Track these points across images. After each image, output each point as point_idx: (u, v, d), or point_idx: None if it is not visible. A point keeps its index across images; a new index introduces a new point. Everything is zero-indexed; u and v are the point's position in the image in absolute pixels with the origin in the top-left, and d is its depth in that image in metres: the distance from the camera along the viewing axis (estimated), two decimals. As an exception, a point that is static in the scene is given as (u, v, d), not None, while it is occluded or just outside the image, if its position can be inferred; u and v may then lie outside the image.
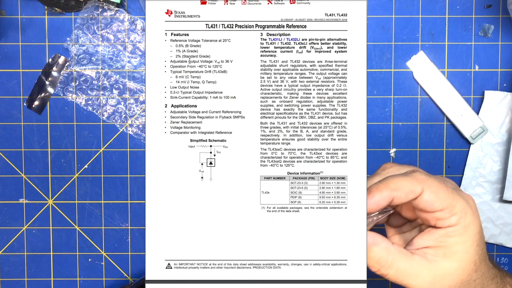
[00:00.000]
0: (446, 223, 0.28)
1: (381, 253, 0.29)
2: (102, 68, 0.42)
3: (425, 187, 0.27)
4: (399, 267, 0.28)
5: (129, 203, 0.43)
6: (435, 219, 0.28)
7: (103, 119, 0.42)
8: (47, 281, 0.43)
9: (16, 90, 0.42)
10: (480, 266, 0.29)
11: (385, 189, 0.28)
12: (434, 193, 0.27)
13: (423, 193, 0.27)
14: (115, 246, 0.43)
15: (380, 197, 0.28)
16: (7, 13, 0.42)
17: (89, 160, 0.43)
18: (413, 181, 0.28)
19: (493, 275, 0.30)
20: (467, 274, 0.28)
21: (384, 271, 0.29)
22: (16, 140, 0.43)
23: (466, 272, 0.28)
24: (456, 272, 0.28)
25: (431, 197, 0.27)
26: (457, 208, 0.27)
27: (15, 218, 0.43)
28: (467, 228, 0.28)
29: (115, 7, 0.41)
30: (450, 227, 0.28)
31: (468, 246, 0.28)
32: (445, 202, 0.27)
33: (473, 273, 0.28)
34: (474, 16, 0.42)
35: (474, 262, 0.28)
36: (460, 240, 0.28)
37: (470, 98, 0.43)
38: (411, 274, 0.28)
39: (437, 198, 0.27)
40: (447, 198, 0.27)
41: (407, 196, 0.27)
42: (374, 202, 0.29)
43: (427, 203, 0.27)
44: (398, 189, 0.28)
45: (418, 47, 0.42)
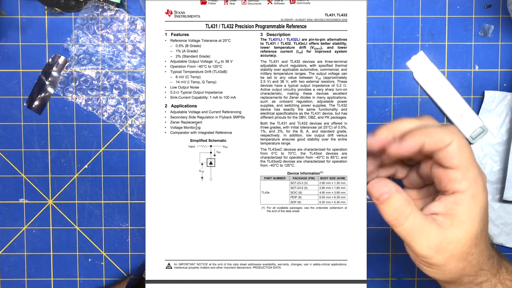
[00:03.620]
0: (456, 186, 0.28)
1: (402, 201, 0.29)
2: (102, 68, 0.42)
3: (454, 139, 0.28)
4: (414, 221, 0.28)
5: (129, 203, 0.43)
6: (447, 178, 0.29)
7: (103, 119, 0.42)
8: (47, 281, 0.43)
9: (16, 90, 0.42)
10: (479, 242, 0.29)
11: (419, 134, 0.29)
12: (459, 149, 0.28)
13: (451, 144, 0.28)
14: (115, 246, 0.43)
15: (413, 142, 0.29)
16: (7, 13, 0.42)
17: (89, 160, 0.43)
18: (446, 131, 0.28)
19: (490, 255, 0.31)
20: (468, 246, 0.29)
21: (400, 220, 0.28)
22: (16, 140, 0.43)
23: (468, 243, 0.29)
24: (461, 241, 0.28)
25: (454, 150, 0.28)
26: (470, 175, 0.28)
27: (15, 218, 0.43)
28: (475, 198, 0.28)
29: (115, 7, 0.41)
30: (459, 193, 0.28)
31: (474, 217, 0.28)
32: (463, 162, 0.28)
33: (473, 247, 0.29)
34: (474, 16, 0.42)
35: (476, 235, 0.29)
36: (467, 210, 0.28)
37: (470, 98, 0.43)
38: (423, 232, 0.28)
39: (459, 153, 0.28)
40: (466, 159, 0.28)
41: (437, 143, 0.28)
42: (408, 146, 0.29)
43: (448, 155, 0.28)
44: (431, 135, 0.28)
45: (418, 47, 0.42)
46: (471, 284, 0.31)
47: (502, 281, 0.32)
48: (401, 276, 0.43)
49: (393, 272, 0.43)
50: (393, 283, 0.43)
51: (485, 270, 0.31)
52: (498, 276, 0.32)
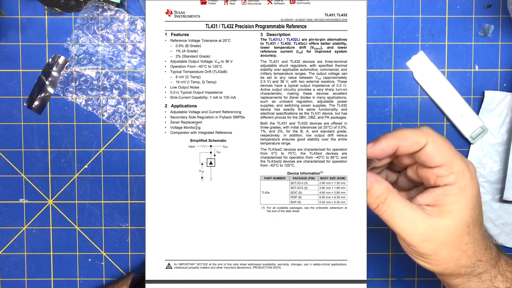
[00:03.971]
0: (444, 181, 0.29)
1: (381, 190, 0.30)
2: (102, 68, 0.42)
3: (429, 140, 0.28)
4: (395, 208, 0.29)
5: (129, 203, 0.43)
6: (434, 176, 0.29)
7: (103, 119, 0.42)
8: (47, 281, 0.43)
9: (16, 90, 0.42)
10: (473, 230, 0.30)
11: (392, 138, 0.29)
12: (437, 147, 0.28)
13: (427, 145, 0.28)
14: (115, 246, 0.43)
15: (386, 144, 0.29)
16: (7, 13, 0.42)
17: (89, 160, 0.43)
18: (419, 133, 0.29)
19: (487, 246, 0.31)
20: (459, 234, 0.29)
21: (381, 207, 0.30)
22: (16, 140, 0.43)
23: (458, 232, 0.29)
24: (448, 229, 0.29)
25: (433, 150, 0.28)
26: (456, 168, 0.29)
27: (15, 218, 0.43)
28: (464, 189, 0.29)
29: (115, 7, 0.41)
30: (447, 185, 0.29)
31: (463, 207, 0.29)
32: (446, 159, 0.28)
33: (465, 235, 0.29)
34: (474, 16, 0.42)
35: (467, 224, 0.29)
36: (455, 200, 0.29)
37: (470, 98, 0.43)
38: (407, 219, 0.29)
39: (438, 152, 0.28)
40: (448, 155, 0.28)
41: (412, 146, 0.29)
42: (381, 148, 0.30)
43: (428, 156, 0.29)
44: (404, 139, 0.29)
45: (418, 47, 0.42)
46: (470, 275, 0.31)
47: (502, 273, 0.32)
48: (401, 276, 0.43)
49: (393, 272, 0.43)
50: (393, 283, 0.43)
51: (483, 261, 0.31)
52: (498, 268, 0.31)
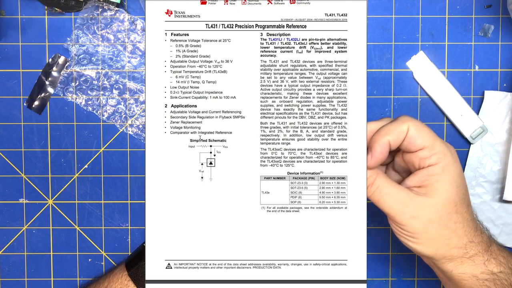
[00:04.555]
0: (427, 162, 0.30)
1: (370, 173, 0.31)
2: (102, 68, 0.42)
3: (410, 125, 0.30)
4: (384, 188, 0.31)
5: (129, 203, 0.43)
6: (418, 159, 0.31)
7: (103, 119, 0.42)
8: (47, 281, 0.43)
9: (16, 90, 0.42)
10: (461, 209, 0.31)
11: (380, 138, 0.31)
12: (417, 131, 0.30)
13: (409, 130, 0.30)
14: (115, 246, 0.43)
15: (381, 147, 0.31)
16: (7, 13, 0.42)
17: (89, 160, 0.43)
18: (399, 122, 0.31)
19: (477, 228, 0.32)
20: (447, 213, 0.30)
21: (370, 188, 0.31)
22: (16, 140, 0.43)
23: (446, 210, 0.30)
24: (436, 207, 0.30)
25: (414, 133, 0.30)
26: (437, 149, 0.30)
27: (15, 218, 0.43)
28: (446, 168, 0.30)
29: (115, 7, 0.41)
30: (431, 166, 0.30)
31: (447, 185, 0.30)
32: (427, 141, 0.30)
33: (453, 214, 0.30)
34: (474, 16, 0.42)
35: (454, 202, 0.30)
36: (440, 179, 0.30)
37: (470, 98, 0.43)
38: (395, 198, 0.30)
39: (419, 135, 0.30)
40: (429, 137, 0.30)
41: (399, 136, 0.30)
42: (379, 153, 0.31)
43: (410, 140, 0.30)
44: (390, 133, 0.31)
45: (418, 47, 0.42)
46: (463, 258, 0.31)
47: (494, 257, 0.32)
48: (401, 276, 0.43)
49: (393, 272, 0.43)
50: (393, 283, 0.43)
51: (474, 243, 0.31)
52: (490, 252, 0.32)
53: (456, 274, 0.32)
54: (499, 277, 0.31)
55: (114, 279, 0.39)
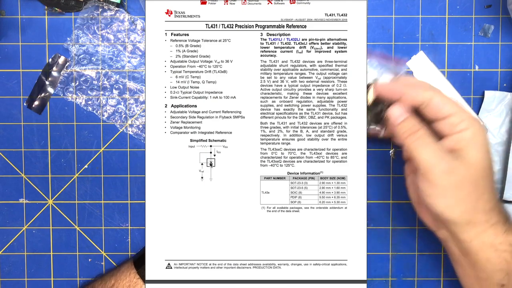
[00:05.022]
0: (457, 128, 0.31)
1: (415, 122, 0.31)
2: (102, 68, 0.42)
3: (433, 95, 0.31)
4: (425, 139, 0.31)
5: (129, 203, 0.43)
6: (448, 125, 0.31)
7: (103, 119, 0.42)
8: (47, 281, 0.43)
9: (16, 90, 0.42)
10: (488, 175, 0.31)
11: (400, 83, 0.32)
12: (441, 99, 0.31)
13: (432, 98, 0.31)
14: (115, 246, 0.43)
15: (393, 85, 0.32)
16: (7, 13, 0.42)
17: (89, 160, 0.43)
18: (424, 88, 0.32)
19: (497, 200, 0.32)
20: (477, 175, 0.31)
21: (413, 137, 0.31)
22: (16, 140, 0.43)
23: (477, 172, 0.31)
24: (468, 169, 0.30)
25: (438, 102, 0.31)
26: (465, 115, 0.31)
27: (15, 218, 0.43)
28: (477, 134, 0.31)
29: (115, 7, 0.41)
30: (462, 131, 0.31)
31: (479, 149, 0.31)
32: (453, 108, 0.31)
33: (482, 178, 0.31)
34: (474, 16, 0.42)
35: (483, 166, 0.31)
36: (471, 143, 0.31)
37: (470, 98, 0.43)
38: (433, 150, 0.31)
39: (445, 103, 0.31)
40: (454, 105, 0.31)
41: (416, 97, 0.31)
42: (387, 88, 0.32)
43: (437, 108, 0.31)
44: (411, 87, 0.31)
45: (418, 47, 0.42)
46: (487, 224, 0.31)
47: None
48: (401, 276, 0.43)
49: (393, 272, 0.43)
50: (393, 283, 0.43)
51: (496, 211, 0.32)
52: (509, 224, 0.32)
53: (475, 244, 0.31)
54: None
55: (122, 276, 0.39)
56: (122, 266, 0.40)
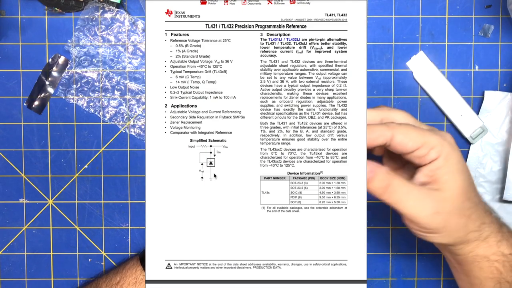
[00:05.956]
0: (428, 159, 0.30)
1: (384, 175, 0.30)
2: (103, 69, 0.42)
3: (394, 132, 0.30)
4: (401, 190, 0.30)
5: (129, 203, 0.43)
6: (417, 158, 0.31)
7: (105, 120, 0.42)
8: (47, 281, 0.43)
9: (16, 90, 0.42)
10: (471, 195, 0.31)
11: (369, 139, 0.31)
12: (404, 135, 0.30)
13: (394, 136, 0.30)
14: (115, 246, 0.43)
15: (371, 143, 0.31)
16: (7, 13, 0.42)
17: (89, 160, 0.43)
18: (384, 127, 0.31)
19: (486, 209, 0.32)
20: (460, 201, 0.31)
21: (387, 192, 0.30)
22: (16, 140, 0.43)
23: (460, 199, 0.30)
24: (451, 199, 0.30)
25: (401, 138, 0.30)
26: (433, 143, 0.30)
27: (15, 218, 0.43)
28: (448, 158, 0.30)
29: (115, 7, 0.41)
30: (433, 160, 0.30)
31: (454, 174, 0.30)
32: (418, 141, 0.30)
33: (466, 202, 0.31)
34: (474, 16, 0.42)
35: (464, 189, 0.31)
36: (445, 171, 0.30)
37: (470, 98, 0.43)
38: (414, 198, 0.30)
39: (408, 139, 0.30)
40: (419, 137, 0.30)
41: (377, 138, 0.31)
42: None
43: (400, 145, 0.30)
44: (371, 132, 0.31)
45: (418, 47, 0.42)
46: (478, 240, 0.32)
47: (506, 239, 0.32)
48: (401, 276, 0.43)
49: (393, 272, 0.43)
50: (393, 283, 0.43)
51: (486, 223, 0.32)
52: (502, 233, 0.32)
53: (469, 256, 0.32)
54: (509, 259, 0.32)
55: (128, 273, 0.39)
56: (127, 263, 0.40)
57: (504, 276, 0.32)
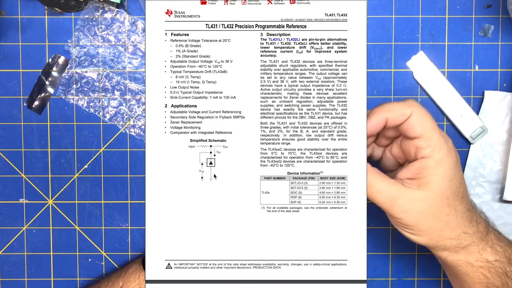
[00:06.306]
0: (421, 153, 0.30)
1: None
2: (103, 69, 0.42)
3: (414, 111, 0.30)
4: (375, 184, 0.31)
5: (129, 203, 0.43)
6: (414, 147, 0.31)
7: (106, 120, 0.42)
8: (47, 281, 0.43)
9: (16, 90, 0.42)
10: (454, 202, 0.31)
11: (381, 111, 0.31)
12: (419, 118, 0.30)
13: (411, 115, 0.30)
14: (115, 246, 0.43)
15: (377, 119, 0.31)
16: (7, 13, 0.42)
17: (89, 160, 0.43)
18: (406, 105, 0.31)
19: (472, 219, 0.32)
20: (438, 206, 0.30)
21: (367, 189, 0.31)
22: (16, 140, 0.43)
23: (437, 203, 0.30)
24: (427, 200, 0.30)
25: (415, 120, 0.30)
26: (433, 141, 0.30)
27: (15, 218, 0.43)
28: (440, 162, 0.30)
29: (115, 7, 0.41)
30: (424, 158, 0.30)
31: (440, 179, 0.30)
32: (425, 130, 0.30)
33: (445, 207, 0.30)
34: (474, 16, 0.42)
35: (445, 196, 0.30)
36: (432, 173, 0.30)
37: (470, 98, 0.43)
38: (385, 193, 0.30)
39: (420, 122, 0.30)
40: (428, 127, 0.30)
41: (399, 117, 0.31)
42: (373, 124, 0.31)
43: (410, 125, 0.30)
44: (391, 110, 0.31)
45: (418, 47, 0.42)
46: (457, 248, 0.32)
47: (491, 245, 0.32)
48: (401, 276, 0.43)
49: (393, 272, 0.43)
50: (393, 283, 0.43)
51: (468, 234, 0.31)
52: (487, 241, 0.32)
53: (450, 261, 0.32)
54: (494, 266, 0.32)
55: (131, 278, 0.38)
56: (130, 267, 0.40)
57: (491, 281, 0.32)
